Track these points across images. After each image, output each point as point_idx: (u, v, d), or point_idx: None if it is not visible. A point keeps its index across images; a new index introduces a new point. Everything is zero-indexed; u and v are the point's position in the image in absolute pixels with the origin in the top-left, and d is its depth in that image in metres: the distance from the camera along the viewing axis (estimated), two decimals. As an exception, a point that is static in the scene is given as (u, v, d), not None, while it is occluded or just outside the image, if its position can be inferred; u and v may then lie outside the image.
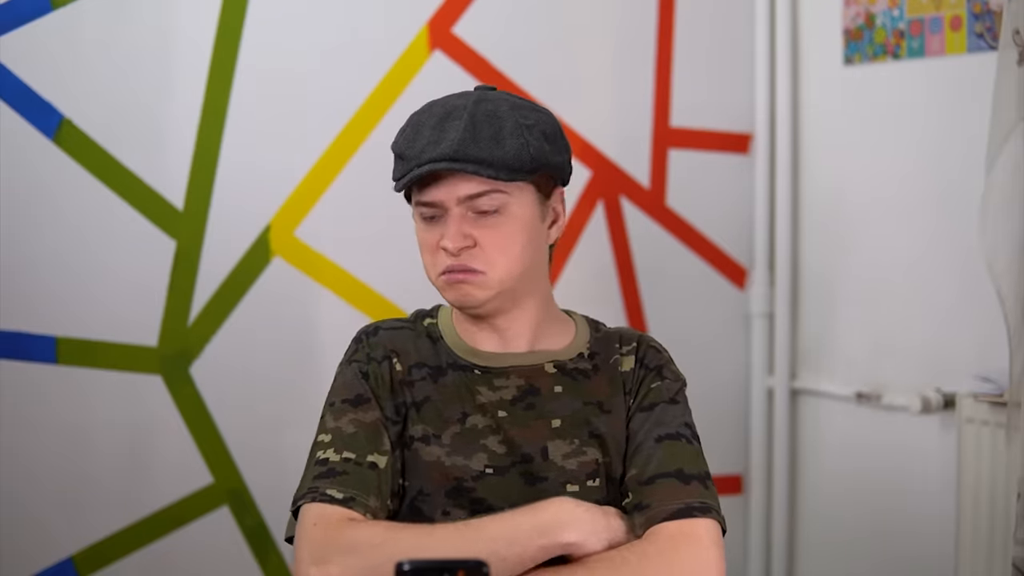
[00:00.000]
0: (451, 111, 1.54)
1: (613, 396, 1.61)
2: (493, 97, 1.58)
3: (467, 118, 1.53)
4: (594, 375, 1.62)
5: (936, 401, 2.43)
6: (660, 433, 1.57)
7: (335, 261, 2.41)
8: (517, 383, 1.59)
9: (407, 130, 1.57)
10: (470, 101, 1.55)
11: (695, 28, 2.75)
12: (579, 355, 1.63)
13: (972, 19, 2.36)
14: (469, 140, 1.51)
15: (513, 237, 1.55)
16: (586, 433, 1.57)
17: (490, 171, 1.51)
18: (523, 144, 1.53)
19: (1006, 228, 1.99)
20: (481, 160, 1.50)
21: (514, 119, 1.54)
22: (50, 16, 2.15)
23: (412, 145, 1.54)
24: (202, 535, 2.31)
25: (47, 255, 2.18)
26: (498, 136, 1.52)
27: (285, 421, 2.32)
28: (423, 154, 1.52)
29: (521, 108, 1.57)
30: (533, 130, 1.55)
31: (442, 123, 1.53)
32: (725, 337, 2.84)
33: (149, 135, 2.25)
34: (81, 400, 2.21)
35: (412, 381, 1.60)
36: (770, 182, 2.82)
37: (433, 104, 1.58)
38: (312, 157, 2.39)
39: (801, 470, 2.83)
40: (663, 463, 1.54)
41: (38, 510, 2.18)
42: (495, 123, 1.53)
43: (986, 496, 2.26)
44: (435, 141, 1.52)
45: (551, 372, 1.61)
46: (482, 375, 1.60)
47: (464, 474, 1.55)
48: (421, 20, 2.47)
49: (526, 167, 1.53)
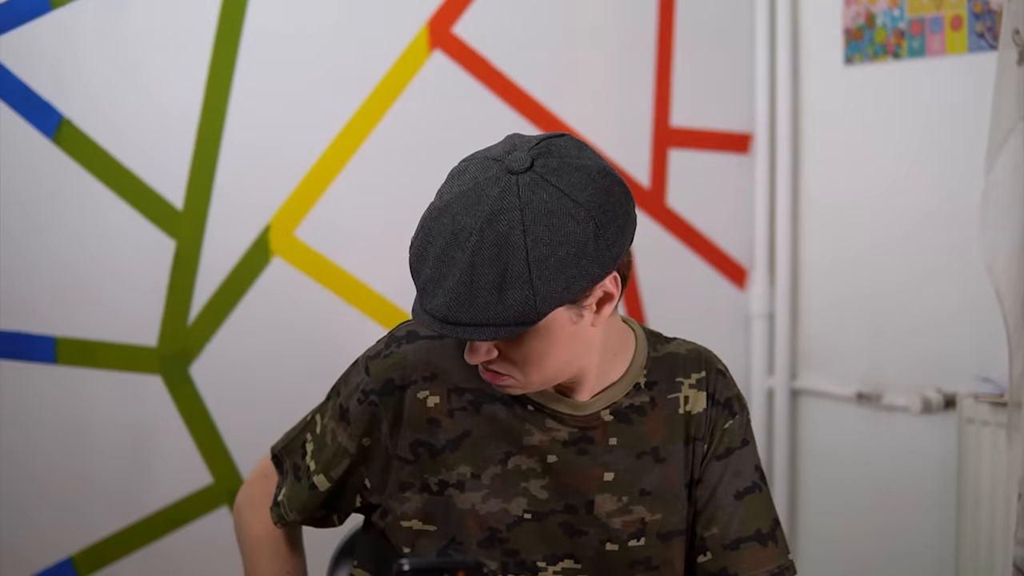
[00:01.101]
0: (459, 233, 1.33)
1: (671, 441, 1.52)
2: (516, 201, 1.34)
3: (468, 257, 1.32)
4: (651, 411, 1.52)
5: (936, 401, 2.43)
6: (739, 488, 1.53)
7: (335, 261, 2.41)
8: (571, 430, 1.49)
9: (419, 236, 1.38)
10: (483, 218, 1.33)
11: (695, 28, 2.74)
12: (636, 386, 1.52)
13: (972, 19, 2.36)
14: (464, 298, 1.32)
15: (543, 353, 1.39)
16: (637, 490, 1.50)
17: (488, 333, 1.33)
18: (528, 296, 1.32)
19: (1006, 228, 1.99)
20: (477, 324, 1.33)
21: (524, 252, 1.32)
22: (50, 16, 2.15)
23: (418, 269, 1.37)
24: (202, 535, 2.31)
25: (46, 255, 2.18)
26: (501, 285, 1.32)
27: (285, 421, 2.30)
28: (424, 296, 1.36)
29: (544, 220, 1.33)
30: (545, 264, 1.33)
31: (446, 251, 1.34)
32: (725, 337, 2.84)
33: (149, 135, 2.25)
34: (81, 400, 2.21)
35: (452, 411, 1.48)
36: (770, 182, 2.82)
37: (448, 206, 1.35)
38: (312, 157, 2.39)
39: (801, 470, 2.83)
40: (744, 525, 1.51)
41: (38, 510, 2.18)
42: (500, 263, 1.32)
43: (986, 496, 2.26)
44: (434, 280, 1.35)
45: (607, 420, 1.50)
46: (535, 412, 1.48)
47: (500, 521, 1.48)
48: (421, 20, 2.47)
49: (530, 320, 1.33)
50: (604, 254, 1.36)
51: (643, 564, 1.50)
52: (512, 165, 1.35)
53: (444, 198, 1.37)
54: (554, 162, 1.36)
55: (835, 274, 2.73)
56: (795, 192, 2.81)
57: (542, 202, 1.33)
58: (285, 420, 1.79)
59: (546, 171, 1.35)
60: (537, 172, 1.35)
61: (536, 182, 1.34)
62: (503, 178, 1.34)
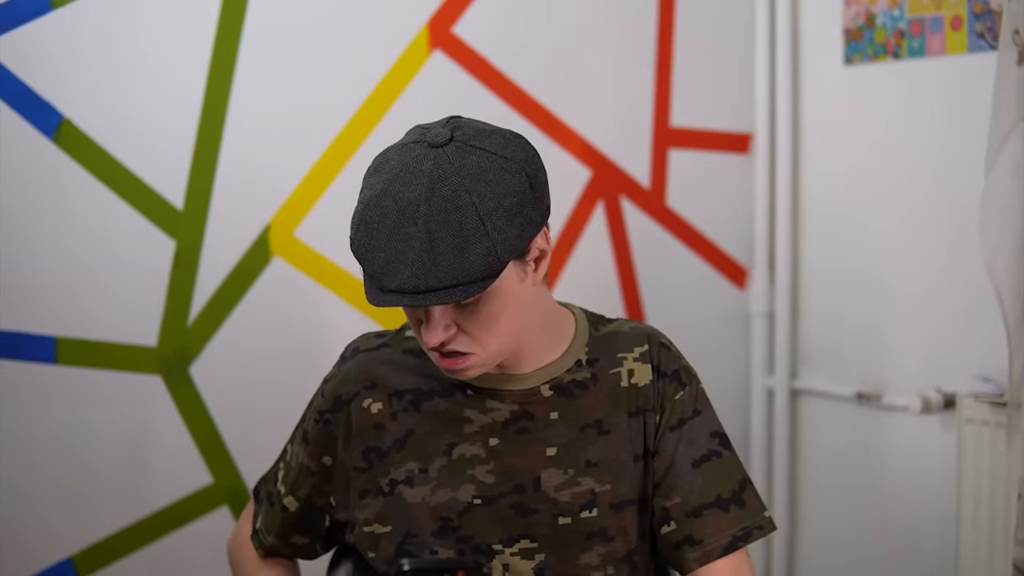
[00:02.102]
0: (404, 209, 1.38)
1: (614, 413, 1.55)
2: (450, 167, 1.40)
3: (422, 226, 1.36)
4: (592, 386, 1.56)
5: (936, 401, 2.43)
6: (695, 456, 1.56)
7: (335, 261, 2.41)
8: (511, 407, 1.53)
9: (362, 232, 1.41)
10: (424, 188, 1.38)
11: (695, 28, 2.74)
12: (576, 363, 1.57)
13: (972, 19, 2.36)
14: (429, 265, 1.36)
15: (499, 314, 1.44)
16: (582, 462, 1.52)
17: (458, 293, 1.37)
18: (489, 248, 1.37)
19: (1006, 228, 1.99)
20: (446, 286, 1.36)
21: (476, 207, 1.38)
22: (50, 16, 2.15)
23: (371, 258, 1.39)
24: (202, 535, 2.31)
25: (46, 255, 2.18)
26: (461, 243, 1.36)
27: (285, 421, 2.30)
28: (384, 278, 1.38)
29: (482, 176, 1.40)
30: (496, 215, 1.38)
31: (397, 229, 1.37)
32: (725, 337, 2.84)
33: (149, 135, 2.25)
34: (81, 400, 2.21)
35: (394, 413, 1.55)
36: (770, 182, 2.82)
37: (384, 191, 1.40)
38: (312, 157, 2.39)
39: (801, 470, 2.83)
40: (704, 492, 1.54)
41: (38, 510, 2.18)
42: (454, 223, 1.37)
43: (986, 496, 2.26)
44: (393, 260, 1.37)
45: (547, 395, 1.54)
46: (474, 396, 1.54)
47: (450, 510, 1.52)
48: (421, 20, 2.47)
49: (495, 270, 1.38)
50: (539, 203, 1.44)
51: (599, 535, 1.53)
52: (434, 140, 1.42)
53: (376, 188, 1.41)
54: (470, 131, 1.44)
55: (835, 274, 2.73)
56: (795, 192, 2.81)
57: (474, 163, 1.40)
58: (285, 420, 1.80)
59: (466, 138, 1.42)
60: (459, 141, 1.42)
61: (462, 149, 1.41)
62: (430, 153, 1.40)
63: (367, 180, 1.44)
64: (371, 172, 1.45)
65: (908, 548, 2.54)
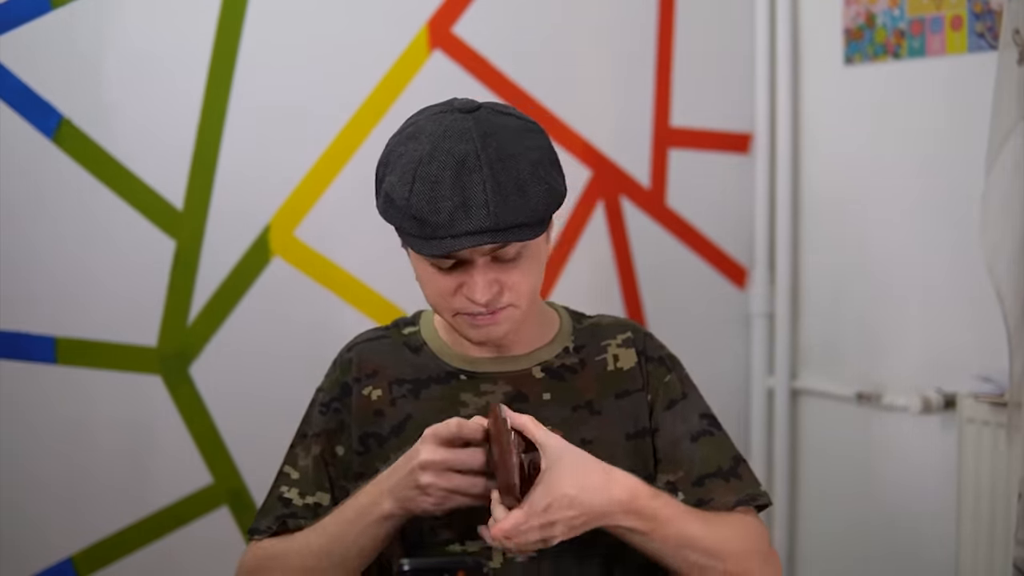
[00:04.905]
0: (463, 160, 1.43)
1: (603, 396, 1.60)
2: (491, 126, 1.47)
3: (487, 171, 1.43)
4: (581, 370, 1.61)
5: (936, 401, 2.42)
6: (693, 432, 1.60)
7: (335, 261, 2.41)
8: (505, 389, 1.58)
9: (419, 187, 1.44)
10: (476, 141, 1.45)
11: (695, 28, 2.74)
12: (564, 350, 1.62)
13: (973, 19, 2.36)
14: (501, 204, 1.42)
15: (534, 270, 1.52)
16: (578, 439, 1.53)
17: (527, 233, 1.45)
18: (547, 189, 1.46)
19: (1006, 228, 1.99)
20: (518, 224, 1.44)
21: (526, 156, 1.46)
22: (50, 16, 2.15)
23: (435, 209, 1.43)
24: (202, 535, 2.31)
25: (46, 255, 2.18)
26: (521, 186, 1.44)
27: (285, 421, 2.31)
28: (455, 224, 1.42)
29: (521, 133, 1.49)
30: (543, 165, 1.48)
31: (459, 179, 1.42)
32: (725, 337, 2.84)
33: (149, 135, 2.25)
34: (80, 400, 2.21)
35: (394, 400, 1.59)
36: (770, 182, 2.82)
37: (435, 148, 1.45)
38: (312, 157, 2.39)
39: (801, 470, 2.83)
40: (705, 463, 1.58)
41: (37, 510, 2.18)
42: (512, 168, 1.44)
43: (986, 496, 2.26)
44: (462, 206, 1.42)
45: (539, 377, 1.60)
46: (468, 380, 1.59)
47: None
48: (421, 20, 2.47)
49: (552, 212, 1.48)
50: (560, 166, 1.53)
51: None
52: (463, 107, 1.49)
53: (424, 148, 1.46)
54: (490, 103, 1.52)
55: (835, 274, 2.73)
56: (795, 192, 2.81)
57: (509, 124, 1.48)
58: (285, 420, 1.80)
59: (493, 106, 1.51)
60: (488, 107, 1.51)
61: (493, 113, 1.50)
62: (467, 116, 1.48)
63: (405, 146, 1.48)
64: (407, 139, 1.49)
65: (908, 548, 2.54)
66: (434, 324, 1.66)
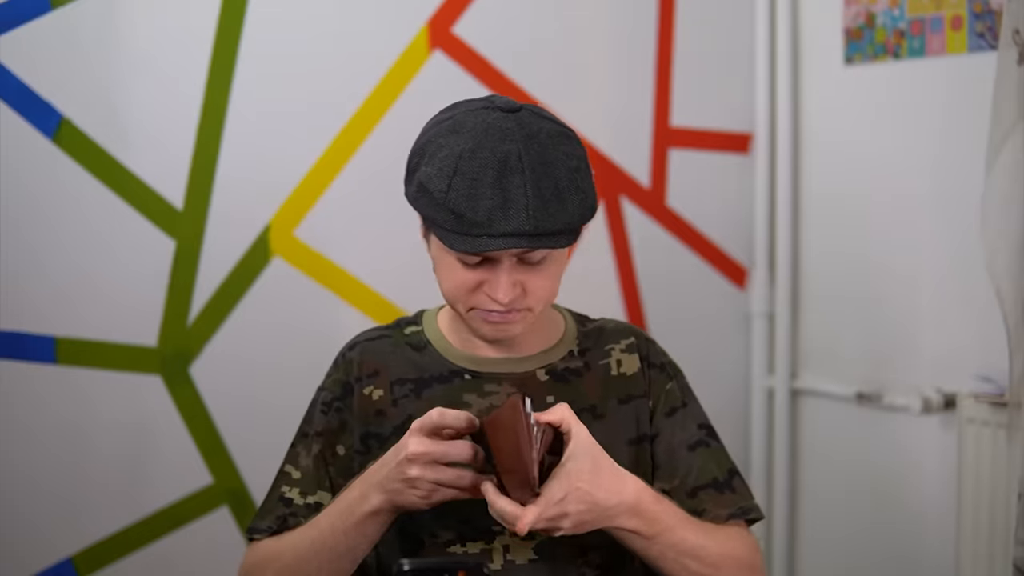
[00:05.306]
0: (505, 160, 1.43)
1: (606, 400, 1.60)
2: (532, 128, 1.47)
3: (528, 174, 1.43)
4: (586, 373, 1.61)
5: (936, 401, 2.43)
6: (690, 442, 1.60)
7: (335, 261, 2.41)
8: (509, 390, 1.58)
9: (458, 182, 1.44)
10: (519, 142, 1.45)
11: (695, 28, 2.74)
12: (569, 353, 1.63)
13: (973, 19, 2.36)
14: (540, 209, 1.43)
15: (555, 276, 1.54)
16: None
17: (561, 240, 1.47)
18: (582, 199, 1.48)
19: (1006, 228, 1.99)
20: (554, 231, 1.45)
21: (565, 163, 1.46)
22: (50, 16, 2.15)
23: (474, 207, 1.43)
24: (202, 535, 2.31)
25: (46, 255, 2.18)
26: (559, 194, 1.45)
27: (285, 421, 2.31)
28: (492, 223, 1.43)
29: (561, 140, 1.49)
30: (580, 174, 1.48)
31: (500, 179, 1.43)
32: (725, 337, 2.84)
33: (149, 135, 2.25)
34: (80, 400, 2.21)
35: (395, 400, 1.59)
36: (770, 182, 2.82)
37: (478, 145, 1.45)
38: (312, 157, 2.39)
39: (801, 470, 2.83)
40: (701, 474, 1.58)
41: (38, 510, 2.18)
42: (551, 175, 1.45)
43: (986, 496, 2.26)
44: (502, 207, 1.43)
45: (543, 380, 1.60)
46: (472, 380, 1.59)
47: None
48: (421, 20, 2.47)
49: (586, 221, 1.50)
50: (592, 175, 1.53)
51: None
52: (505, 106, 1.49)
53: (466, 142, 1.45)
54: (529, 104, 1.52)
55: (835, 274, 2.73)
56: (795, 192, 2.81)
57: (551, 128, 1.48)
58: (285, 420, 1.80)
59: (533, 108, 1.51)
60: (528, 109, 1.51)
61: (533, 116, 1.49)
62: (509, 116, 1.47)
63: (446, 138, 1.47)
64: (448, 131, 1.48)
65: (908, 548, 2.54)
66: (438, 324, 1.65)
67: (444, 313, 1.67)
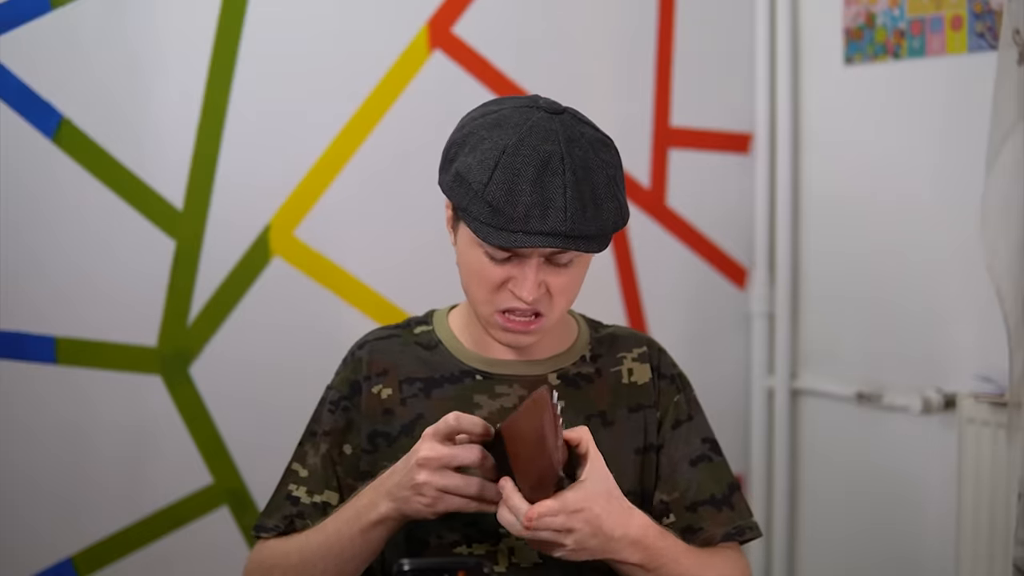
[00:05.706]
0: (547, 160, 1.45)
1: (616, 407, 1.61)
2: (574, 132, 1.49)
3: (569, 176, 1.45)
4: (597, 380, 1.62)
5: (936, 401, 2.43)
6: (692, 456, 1.61)
7: (335, 261, 2.41)
8: (520, 392, 1.58)
9: (499, 176, 1.45)
10: (562, 144, 1.47)
11: (695, 28, 2.74)
12: (581, 358, 1.63)
13: (973, 19, 2.36)
14: (578, 212, 1.45)
15: (579, 279, 1.55)
16: None
17: (594, 245, 1.48)
18: (617, 207, 1.50)
19: (1006, 228, 1.99)
20: (589, 236, 1.47)
21: (603, 171, 1.48)
22: (50, 16, 2.15)
23: (512, 202, 1.44)
24: (202, 535, 2.31)
25: (46, 255, 2.18)
26: (597, 199, 1.47)
27: (285, 421, 2.31)
28: (530, 222, 1.44)
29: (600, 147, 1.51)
30: (616, 182, 1.51)
31: (541, 178, 1.44)
32: (725, 337, 2.84)
33: (149, 135, 2.25)
34: (80, 400, 2.21)
35: (404, 399, 1.59)
36: (770, 182, 2.82)
37: (521, 141, 1.46)
38: (312, 157, 2.39)
39: (801, 470, 2.83)
40: (700, 489, 1.59)
41: (38, 510, 2.18)
42: (591, 180, 1.47)
43: (986, 496, 2.26)
44: (540, 205, 1.44)
45: (555, 384, 1.60)
46: (484, 381, 1.59)
47: None
48: (421, 20, 2.47)
49: (619, 228, 1.52)
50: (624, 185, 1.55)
51: None
52: (549, 108, 1.50)
53: (510, 138, 1.46)
54: (571, 108, 1.54)
55: (835, 274, 2.73)
56: (795, 192, 2.81)
57: (590, 134, 1.51)
58: (285, 420, 1.80)
59: (575, 113, 1.54)
60: (570, 113, 1.53)
61: (576, 120, 1.52)
62: (553, 117, 1.49)
63: (489, 131, 1.48)
64: (492, 125, 1.49)
65: (908, 548, 2.54)
66: (449, 323, 1.65)
67: (456, 313, 1.66)
